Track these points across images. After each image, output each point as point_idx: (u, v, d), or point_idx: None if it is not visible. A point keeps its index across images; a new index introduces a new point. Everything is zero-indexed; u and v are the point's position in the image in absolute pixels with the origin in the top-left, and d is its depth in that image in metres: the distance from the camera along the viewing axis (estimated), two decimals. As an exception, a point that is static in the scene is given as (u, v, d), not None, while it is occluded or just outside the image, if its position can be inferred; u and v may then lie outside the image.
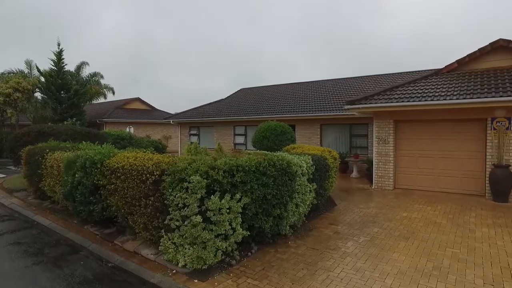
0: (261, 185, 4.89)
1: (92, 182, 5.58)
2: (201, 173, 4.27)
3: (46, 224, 6.73)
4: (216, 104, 20.84)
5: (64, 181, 6.33)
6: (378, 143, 9.91)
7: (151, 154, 5.58)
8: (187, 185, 4.21)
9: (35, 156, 7.77)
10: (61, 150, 7.59)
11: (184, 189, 4.26)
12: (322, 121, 15.06)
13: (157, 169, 4.65)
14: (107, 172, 5.38)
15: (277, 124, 11.50)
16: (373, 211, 7.40)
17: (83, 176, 5.76)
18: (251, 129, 17.25)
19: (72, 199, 6.21)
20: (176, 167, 4.42)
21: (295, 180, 5.61)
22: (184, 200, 4.22)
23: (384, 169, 9.83)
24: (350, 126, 14.44)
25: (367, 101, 9.47)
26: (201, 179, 4.21)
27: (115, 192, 5.30)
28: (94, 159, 5.57)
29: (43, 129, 10.47)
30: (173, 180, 4.37)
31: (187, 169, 4.34)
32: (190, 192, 4.21)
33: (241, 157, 5.02)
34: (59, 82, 22.32)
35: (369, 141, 13.90)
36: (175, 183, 4.35)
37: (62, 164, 6.65)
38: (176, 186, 4.33)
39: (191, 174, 4.24)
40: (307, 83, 20.36)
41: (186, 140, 20.34)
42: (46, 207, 7.90)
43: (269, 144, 11.17)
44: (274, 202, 5.16)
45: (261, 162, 4.92)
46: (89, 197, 5.71)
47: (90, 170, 5.60)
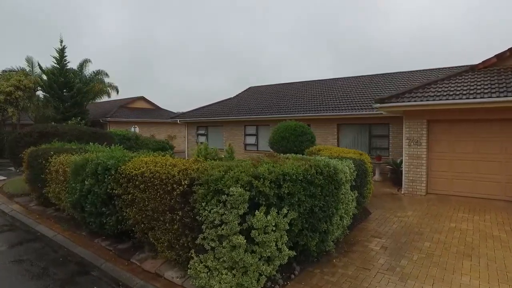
0: (309, 196, 4.14)
1: (105, 191, 4.82)
2: (243, 184, 3.51)
3: (51, 236, 5.97)
4: (225, 103, 20.07)
5: (71, 188, 5.58)
6: (409, 144, 9.13)
7: (173, 159, 4.83)
8: (226, 198, 3.45)
9: (38, 159, 7.01)
10: (66, 152, 6.84)
11: (222, 203, 3.50)
12: (339, 120, 14.28)
13: (185, 178, 3.89)
14: (122, 180, 4.62)
15: (296, 124, 10.73)
16: (414, 221, 6.63)
17: (94, 184, 5.00)
18: (262, 129, 16.49)
19: (80, 209, 5.47)
20: (209, 176, 3.67)
21: (340, 188, 4.86)
22: (222, 217, 3.47)
23: (415, 172, 9.06)
24: (370, 126, 13.67)
25: (398, 99, 8.70)
26: (243, 191, 3.45)
27: (132, 204, 4.54)
28: (107, 164, 4.81)
29: (46, 129, 9.72)
30: (207, 192, 3.61)
31: (224, 178, 3.58)
32: (229, 206, 3.45)
33: (283, 162, 4.26)
34: (61, 80, 21.57)
35: (390, 142, 13.13)
36: (209, 195, 3.60)
37: (69, 168, 5.91)
38: (211, 199, 3.58)
39: (230, 184, 3.48)
40: (320, 81, 19.58)
41: (193, 140, 19.59)
42: (50, 215, 7.15)
43: (288, 146, 10.41)
44: (321, 215, 4.40)
45: (308, 170, 4.16)
46: (101, 208, 4.96)
47: (103, 177, 4.84)
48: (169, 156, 5.19)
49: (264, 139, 16.47)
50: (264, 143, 16.46)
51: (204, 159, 13.73)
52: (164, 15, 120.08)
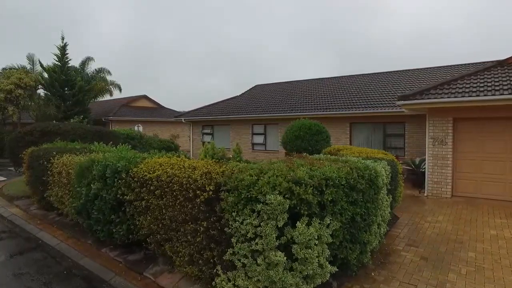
0: (350, 203, 3.61)
1: (115, 196, 4.29)
2: (282, 190, 2.98)
3: (54, 245, 5.44)
4: (231, 101, 19.52)
5: (76, 193, 5.06)
6: (434, 144, 8.58)
7: (191, 160, 4.30)
8: (261, 208, 2.92)
9: (39, 160, 6.49)
10: (70, 152, 6.31)
11: (256, 212, 2.97)
12: (352, 119, 13.72)
13: (210, 183, 3.35)
14: (135, 184, 4.09)
15: (311, 122, 10.19)
16: (448, 227, 6.08)
17: (101, 188, 4.47)
18: (271, 128, 15.95)
19: (86, 215, 4.94)
20: (239, 181, 3.13)
21: (379, 193, 4.32)
22: (256, 229, 2.94)
23: (440, 174, 8.51)
24: (384, 125, 13.11)
25: (423, 96, 8.15)
26: (282, 199, 2.92)
27: (146, 211, 4.01)
28: (116, 167, 4.28)
29: (48, 128, 9.19)
30: (238, 200, 3.08)
31: (257, 184, 3.05)
32: (265, 217, 2.92)
33: (321, 164, 3.72)
34: (63, 78, 21.07)
35: (406, 142, 12.58)
36: (241, 204, 3.06)
37: (73, 170, 5.38)
38: (243, 209, 3.05)
39: (266, 191, 2.95)
40: (330, 79, 19.00)
41: (198, 140, 19.05)
42: (53, 220, 6.62)
43: (303, 145, 9.88)
44: (362, 224, 3.87)
45: (350, 173, 3.62)
46: (110, 215, 4.43)
47: (112, 181, 4.31)
48: (184, 157, 4.66)
49: (272, 138, 15.94)
50: (272, 143, 15.93)
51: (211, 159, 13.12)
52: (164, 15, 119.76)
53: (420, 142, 12.25)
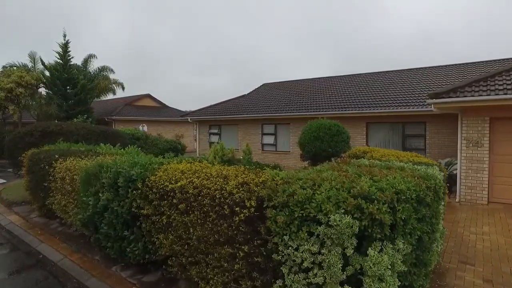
0: (418, 220, 2.95)
1: (128, 209, 3.64)
2: (350, 208, 2.32)
3: (56, 261, 4.80)
4: (239, 100, 18.87)
5: (82, 203, 4.41)
6: (467, 146, 7.90)
7: (217, 166, 3.65)
8: (323, 231, 2.28)
9: (40, 163, 5.85)
10: (74, 155, 5.67)
11: (316, 236, 2.32)
12: (369, 119, 13.06)
13: (250, 197, 2.71)
14: (153, 195, 3.43)
15: (331, 122, 9.53)
16: (500, 240, 5.41)
17: (112, 199, 3.82)
18: (282, 128, 15.28)
19: (94, 228, 4.29)
20: (290, 195, 2.49)
21: (440, 205, 3.66)
22: (316, 257, 2.29)
23: (475, 178, 7.83)
24: (403, 125, 12.43)
25: (457, 94, 7.47)
26: (351, 219, 2.27)
27: (167, 229, 3.36)
28: (130, 174, 3.62)
29: (49, 128, 8.55)
30: (291, 220, 2.43)
31: (314, 199, 2.40)
32: (329, 243, 2.27)
33: (382, 174, 3.06)
34: (65, 77, 20.45)
35: (427, 143, 11.91)
36: (294, 225, 2.41)
37: (78, 177, 4.73)
38: (297, 231, 2.40)
39: (329, 209, 2.30)
40: (343, 77, 18.28)
41: (205, 140, 18.40)
42: (55, 230, 5.99)
43: (322, 147, 9.22)
44: (428, 244, 3.21)
45: (419, 184, 2.97)
46: (123, 230, 3.78)
47: (125, 191, 3.66)
48: (207, 162, 4.01)
49: (283, 139, 15.28)
50: (283, 143, 15.27)
51: (221, 160, 12.21)
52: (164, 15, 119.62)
53: (442, 143, 11.59)
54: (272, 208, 2.59)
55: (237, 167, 3.54)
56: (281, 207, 2.56)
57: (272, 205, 2.59)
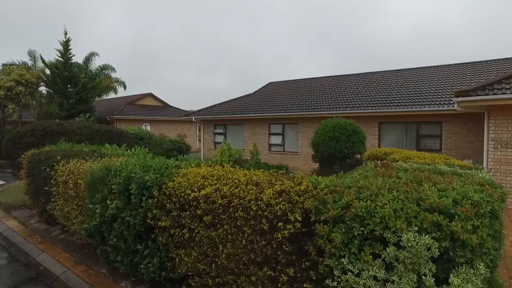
0: (491, 237, 2.49)
1: (142, 220, 3.17)
2: (427, 225, 1.87)
3: (59, 274, 4.34)
4: (244, 99, 18.41)
5: (88, 210, 3.95)
6: (495, 147, 7.44)
7: (242, 171, 3.18)
8: (394, 253, 1.82)
9: (41, 166, 5.39)
10: (77, 157, 5.20)
11: (382, 260, 1.86)
12: (382, 118, 12.59)
13: (294, 209, 2.25)
14: (171, 205, 2.97)
15: (346, 121, 9.10)
16: (542, 250, 4.94)
17: (123, 208, 3.36)
18: (290, 127, 14.82)
19: (101, 239, 3.83)
20: (345, 207, 2.03)
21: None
22: (384, 286, 1.83)
23: (504, 181, 7.36)
24: (418, 124, 11.97)
25: (486, 92, 7.01)
26: (429, 239, 1.82)
27: (189, 243, 2.89)
28: (145, 180, 3.15)
29: (51, 127, 8.08)
30: (349, 238, 1.97)
31: (377, 212, 1.95)
32: (402, 268, 1.81)
33: (447, 181, 2.60)
34: (66, 75, 20.00)
35: (443, 143, 11.44)
36: (354, 244, 1.96)
37: (83, 181, 4.27)
38: (359, 253, 1.94)
39: (398, 226, 1.85)
40: (353, 75, 17.77)
41: (209, 140, 17.95)
42: (57, 238, 5.52)
43: (338, 147, 8.78)
44: (496, 264, 2.75)
45: (492, 194, 2.51)
46: (135, 243, 3.32)
47: (138, 199, 3.19)
48: (228, 165, 3.54)
49: (291, 139, 14.82)
50: (291, 144, 14.81)
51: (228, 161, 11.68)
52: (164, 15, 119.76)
53: (460, 143, 11.13)
54: (322, 223, 2.13)
55: (269, 172, 3.08)
56: (335, 222, 2.11)
57: (323, 220, 2.14)
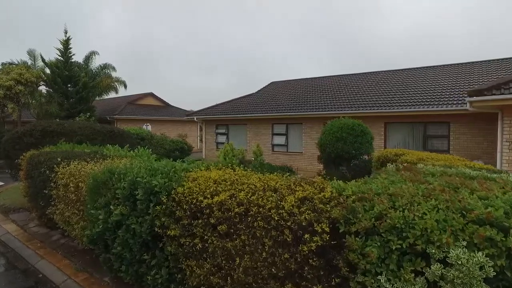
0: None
1: (149, 228, 2.94)
2: (479, 241, 1.65)
3: (59, 283, 4.11)
4: (247, 99, 18.18)
5: (89, 215, 3.72)
6: (510, 148, 7.21)
7: (256, 174, 2.96)
8: (439, 272, 1.60)
9: (40, 167, 5.16)
10: (78, 158, 4.98)
11: (423, 278, 1.64)
12: (387, 118, 12.37)
13: (319, 218, 2.02)
14: (182, 212, 2.74)
15: (354, 121, 8.86)
16: None
17: (128, 215, 3.13)
18: (293, 128, 14.60)
19: (104, 247, 3.61)
20: (380, 217, 1.81)
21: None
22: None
23: (518, 183, 7.14)
24: (425, 125, 11.75)
25: (501, 91, 6.79)
26: (482, 256, 1.60)
27: (202, 255, 2.66)
28: (152, 185, 2.92)
29: (50, 127, 7.85)
30: (386, 253, 1.75)
31: (416, 224, 1.74)
32: None
33: (485, 188, 2.37)
34: (66, 74, 19.78)
35: (450, 144, 11.22)
36: (392, 261, 1.74)
37: (84, 184, 4.05)
38: (397, 270, 1.71)
39: (444, 240, 1.64)
40: (356, 75, 17.54)
41: (211, 140, 17.72)
42: (57, 243, 5.30)
43: (345, 148, 8.54)
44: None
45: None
46: (141, 253, 3.09)
47: (145, 206, 2.96)
48: (240, 169, 3.31)
49: (295, 139, 14.59)
50: (295, 144, 14.59)
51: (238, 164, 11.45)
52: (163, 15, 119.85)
53: (468, 144, 10.91)
54: (354, 235, 1.91)
55: (285, 177, 2.85)
56: (367, 235, 1.89)
57: (354, 231, 1.91)
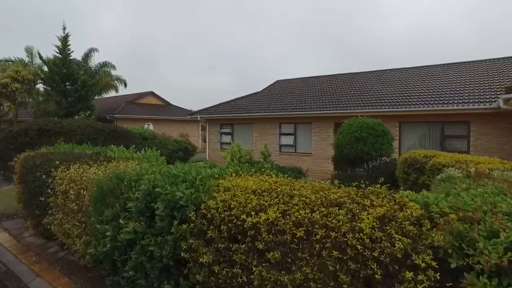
0: None
1: (172, 251, 2.34)
2: None
3: (57, 308, 3.51)
4: (252, 97, 17.58)
5: (95, 230, 3.12)
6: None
7: (305, 183, 2.37)
8: None
9: (36, 171, 4.54)
10: (79, 161, 4.37)
11: None
12: (402, 118, 11.79)
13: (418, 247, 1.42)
14: (215, 232, 2.13)
15: (374, 121, 8.31)
16: None
17: (143, 232, 2.52)
18: (302, 127, 14.01)
19: (111, 268, 3.00)
20: None
21: None
22: None
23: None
24: (443, 124, 11.18)
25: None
26: None
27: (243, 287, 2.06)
28: (176, 197, 2.32)
29: (48, 126, 7.22)
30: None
31: None
32: None
33: None
34: (64, 72, 19.10)
35: (471, 145, 10.66)
36: None
37: (87, 192, 3.45)
38: None
39: None
40: (368, 73, 16.91)
41: (215, 140, 17.11)
42: (55, 256, 4.69)
43: (365, 149, 7.98)
44: None
45: None
46: (160, 280, 2.48)
47: (167, 223, 2.35)
48: (281, 176, 2.72)
49: (304, 140, 14.01)
50: (304, 144, 14.00)
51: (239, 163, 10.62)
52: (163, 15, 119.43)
53: (491, 145, 10.35)
54: (475, 273, 1.32)
55: (331, 187, 2.26)
56: (499, 275, 1.30)
57: (472, 263, 1.33)
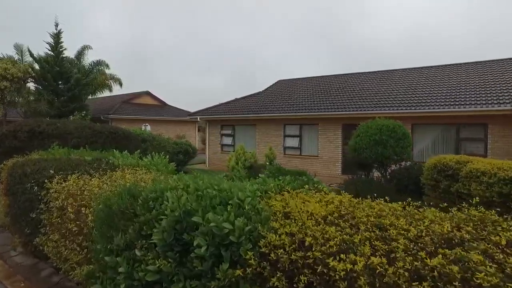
0: None
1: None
2: None
3: None
4: (254, 98, 16.95)
5: (100, 260, 2.46)
6: None
7: (369, 202, 1.73)
8: None
9: (26, 182, 3.84)
10: (77, 169, 3.69)
11: None
12: (415, 119, 11.30)
13: None
14: (281, 281, 1.51)
15: (394, 123, 7.75)
16: None
17: (172, 273, 1.87)
18: (308, 129, 13.43)
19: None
20: None
21: None
22: None
23: None
24: (458, 126, 10.72)
25: None
26: None
27: None
28: (223, 231, 1.67)
29: (40, 127, 6.46)
30: None
31: None
32: None
33: None
34: (56, 70, 18.20)
35: (488, 148, 10.20)
36: None
37: (90, 211, 2.78)
38: None
39: None
40: (376, 73, 16.36)
41: (215, 142, 16.44)
42: (48, 282, 3.98)
43: (386, 153, 7.41)
44: None
45: None
46: None
47: (209, 264, 1.71)
48: (350, 196, 2.10)
49: (310, 142, 13.43)
50: (310, 146, 13.42)
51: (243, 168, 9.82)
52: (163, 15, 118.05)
53: (510, 148, 9.90)
54: None
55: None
56: None
57: None
